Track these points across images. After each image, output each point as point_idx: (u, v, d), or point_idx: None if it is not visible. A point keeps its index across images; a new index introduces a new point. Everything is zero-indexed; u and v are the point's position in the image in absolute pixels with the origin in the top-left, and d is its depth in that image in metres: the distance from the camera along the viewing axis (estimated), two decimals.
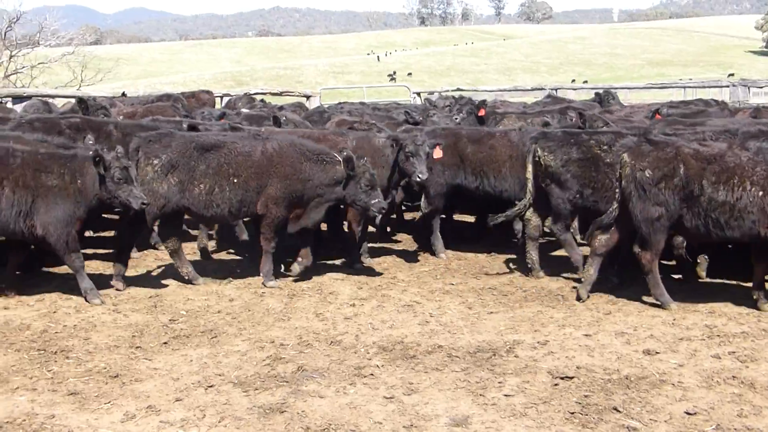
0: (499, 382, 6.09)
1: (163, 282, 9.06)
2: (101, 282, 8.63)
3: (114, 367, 6.43)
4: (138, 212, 8.37)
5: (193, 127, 10.31)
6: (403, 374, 6.27)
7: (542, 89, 26.95)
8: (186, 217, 9.40)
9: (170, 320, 7.71)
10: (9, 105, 18.84)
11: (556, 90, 25.55)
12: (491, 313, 7.97)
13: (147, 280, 9.15)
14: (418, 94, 27.68)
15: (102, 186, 8.00)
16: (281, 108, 15.66)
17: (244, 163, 8.67)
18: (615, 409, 5.55)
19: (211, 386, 6.03)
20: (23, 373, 6.30)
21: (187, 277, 8.95)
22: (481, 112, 12.67)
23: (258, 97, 21.08)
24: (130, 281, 8.97)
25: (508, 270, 9.72)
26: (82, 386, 6.04)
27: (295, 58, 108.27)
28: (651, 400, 5.71)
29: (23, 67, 36.20)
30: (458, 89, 27.30)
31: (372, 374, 6.27)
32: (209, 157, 8.66)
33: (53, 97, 20.40)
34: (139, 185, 8.20)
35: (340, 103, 17.77)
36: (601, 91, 17.88)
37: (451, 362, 6.53)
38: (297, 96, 25.61)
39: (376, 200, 8.78)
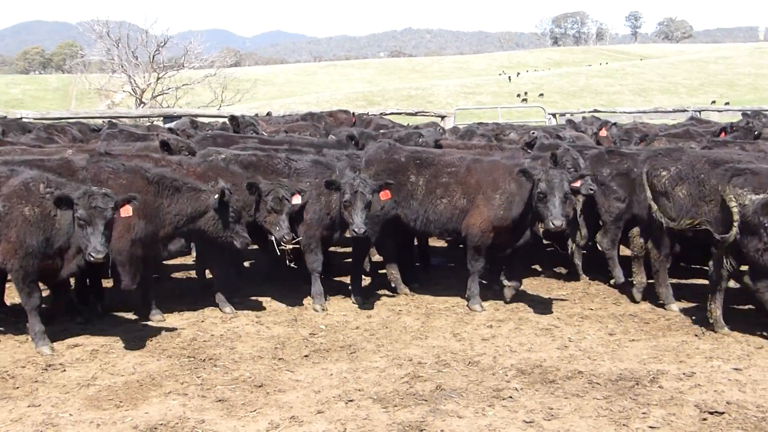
0: (643, 413, 5.90)
1: (303, 297, 9.25)
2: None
3: (258, 377, 6.66)
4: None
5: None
6: (543, 399, 6.19)
7: (684, 111, 25.96)
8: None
9: (310, 334, 7.92)
10: (160, 123, 19.98)
11: (699, 112, 24.53)
12: (633, 340, 7.74)
13: (288, 295, 9.40)
14: (554, 115, 27.30)
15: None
16: (417, 128, 15.78)
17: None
18: None
19: (351, 401, 6.15)
20: (174, 379, 6.62)
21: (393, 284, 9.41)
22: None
23: (366, 116, 20.64)
24: (273, 295, 9.28)
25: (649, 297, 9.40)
26: (229, 394, 6.29)
27: (426, 78, 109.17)
28: None
29: (169, 89, 38.24)
30: (595, 110, 26.69)
31: (511, 397, 6.21)
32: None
33: (198, 116, 21.43)
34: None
35: (478, 124, 17.70)
36: (749, 111, 17.05)
37: (592, 389, 6.39)
38: (432, 116, 25.77)
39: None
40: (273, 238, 8.56)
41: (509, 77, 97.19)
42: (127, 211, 7.21)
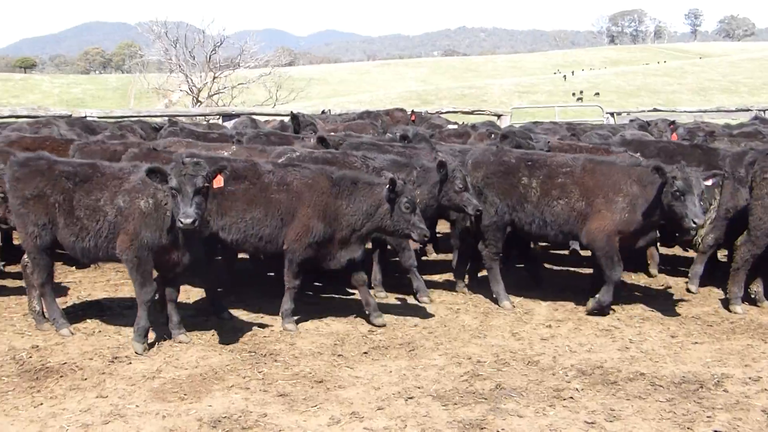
0: (708, 417, 5.80)
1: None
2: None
3: (318, 373, 6.72)
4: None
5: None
6: (604, 400, 6.12)
7: (747, 110, 25.32)
8: None
9: (369, 331, 7.97)
10: (219, 122, 20.30)
11: (764, 111, 23.88)
12: (696, 343, 7.60)
13: (347, 291, 9.48)
14: (612, 114, 26.91)
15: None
16: (473, 126, 15.73)
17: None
18: None
19: (411, 398, 6.17)
20: (237, 373, 6.72)
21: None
22: None
23: (426, 115, 20.62)
24: (331, 291, 9.37)
25: (711, 299, 9.23)
26: (290, 389, 6.36)
27: (480, 77, 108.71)
28: None
29: (224, 88, 38.80)
30: (655, 109, 26.24)
31: (571, 397, 6.17)
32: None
33: (255, 114, 21.70)
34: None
35: (534, 123, 17.56)
36: None
37: (655, 391, 6.30)
38: (488, 115, 25.66)
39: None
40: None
41: (564, 76, 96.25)
42: (219, 181, 7.14)
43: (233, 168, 7.92)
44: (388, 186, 7.72)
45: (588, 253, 9.61)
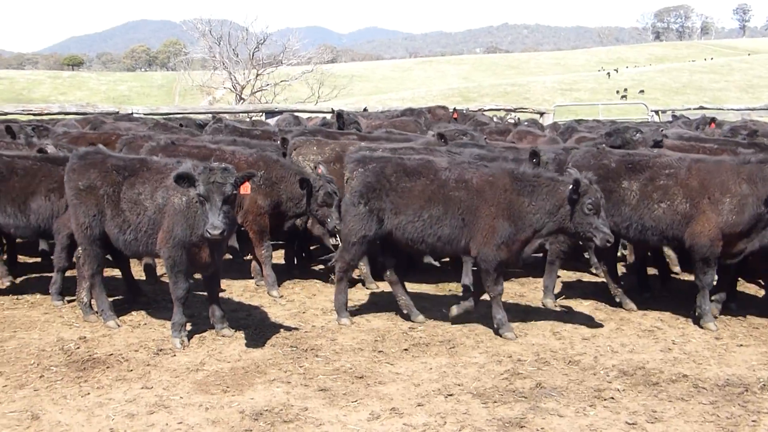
0: (753, 421, 5.71)
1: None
2: None
3: (359, 369, 6.77)
4: None
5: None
6: (646, 401, 6.07)
7: None
8: None
9: (409, 328, 7.99)
10: (262, 119, 20.49)
11: None
12: (741, 345, 7.49)
13: (387, 288, 9.51)
14: (657, 112, 26.54)
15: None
16: (515, 123, 15.64)
17: None
18: None
19: (450, 395, 6.18)
20: (278, 367, 6.79)
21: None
22: None
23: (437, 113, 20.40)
24: (373, 288, 9.42)
25: (757, 302, 9.08)
26: (330, 383, 6.42)
27: (522, 74, 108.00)
28: None
29: (267, 85, 39.12)
30: (701, 107, 25.79)
31: (612, 398, 6.12)
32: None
33: (298, 112, 21.87)
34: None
35: (578, 121, 17.40)
36: None
37: (698, 393, 6.22)
38: (530, 113, 25.49)
39: None
40: None
41: (608, 73, 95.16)
42: (246, 188, 7.09)
43: (407, 165, 7.86)
44: (571, 186, 7.32)
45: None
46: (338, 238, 9.20)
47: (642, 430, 5.57)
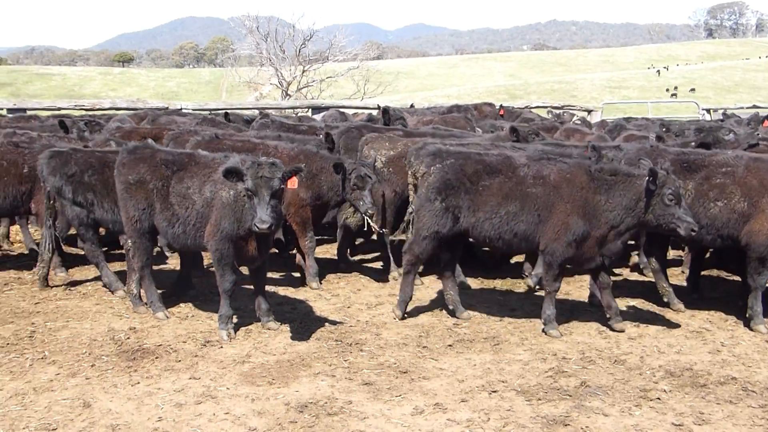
0: None
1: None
2: None
3: (403, 364, 6.80)
4: None
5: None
6: (693, 402, 6.00)
7: None
8: None
9: (454, 324, 8.00)
10: (309, 114, 20.63)
11: None
12: None
13: (432, 285, 9.55)
14: (708, 111, 26.06)
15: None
16: (561, 121, 15.50)
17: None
18: None
19: (494, 391, 6.18)
20: (323, 360, 6.86)
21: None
22: None
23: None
24: (417, 284, 9.42)
25: None
26: (375, 378, 6.46)
27: (570, 72, 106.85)
28: None
29: (313, 81, 39.30)
30: (754, 106, 25.26)
31: (659, 398, 6.06)
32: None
33: (344, 108, 21.96)
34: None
35: (626, 119, 17.13)
36: None
37: (747, 396, 6.13)
38: (578, 110, 25.23)
39: None
40: None
41: (658, 71, 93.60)
42: (294, 182, 7.18)
43: (486, 162, 7.85)
44: (648, 177, 7.26)
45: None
46: (370, 222, 9.21)
47: (688, 431, 5.51)
